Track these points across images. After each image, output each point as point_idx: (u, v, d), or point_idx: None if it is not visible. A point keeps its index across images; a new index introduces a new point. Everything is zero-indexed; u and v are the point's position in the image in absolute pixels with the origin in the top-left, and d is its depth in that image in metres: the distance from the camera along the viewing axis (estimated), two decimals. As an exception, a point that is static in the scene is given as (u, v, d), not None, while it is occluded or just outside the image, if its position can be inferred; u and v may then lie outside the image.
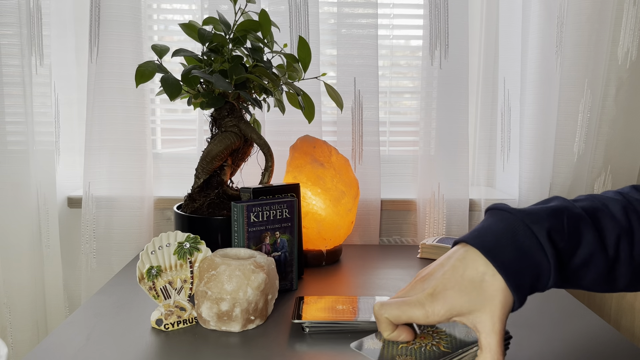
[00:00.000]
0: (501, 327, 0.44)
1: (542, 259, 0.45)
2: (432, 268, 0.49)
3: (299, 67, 0.92)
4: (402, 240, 1.23)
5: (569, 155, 1.16)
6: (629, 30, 1.13)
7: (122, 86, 1.08)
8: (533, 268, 0.45)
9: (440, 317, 0.46)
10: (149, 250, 0.69)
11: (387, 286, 0.87)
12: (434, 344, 0.51)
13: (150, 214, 1.14)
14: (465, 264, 0.46)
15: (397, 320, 0.48)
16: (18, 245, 1.08)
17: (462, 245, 0.48)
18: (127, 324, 0.71)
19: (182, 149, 1.27)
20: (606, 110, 1.16)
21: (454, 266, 0.47)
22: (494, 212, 0.49)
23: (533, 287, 0.46)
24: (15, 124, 1.07)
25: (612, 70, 1.14)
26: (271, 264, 0.72)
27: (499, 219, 0.48)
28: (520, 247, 0.45)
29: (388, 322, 0.48)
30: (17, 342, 1.10)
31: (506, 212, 0.48)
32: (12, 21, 1.04)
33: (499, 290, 0.44)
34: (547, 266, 0.45)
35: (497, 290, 0.44)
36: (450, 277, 0.46)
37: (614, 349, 0.64)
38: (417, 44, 1.27)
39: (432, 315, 0.46)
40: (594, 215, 0.48)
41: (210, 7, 1.09)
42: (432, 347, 0.50)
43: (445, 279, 0.46)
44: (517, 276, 0.45)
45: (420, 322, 0.47)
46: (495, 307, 0.44)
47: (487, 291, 0.45)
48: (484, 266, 0.45)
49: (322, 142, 0.99)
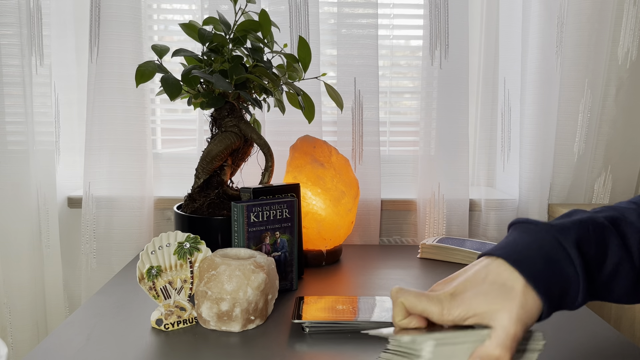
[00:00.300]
0: (516, 331, 0.42)
1: (570, 270, 0.45)
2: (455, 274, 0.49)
3: (299, 67, 0.92)
4: (402, 240, 1.23)
5: (569, 155, 1.16)
6: (629, 30, 1.13)
7: (122, 86, 1.08)
8: (562, 278, 0.44)
9: (454, 318, 0.45)
10: (149, 250, 0.69)
11: (387, 286, 0.87)
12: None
13: (150, 214, 1.14)
14: (488, 270, 0.46)
15: (412, 308, 0.47)
16: (18, 245, 1.08)
17: (487, 257, 0.47)
18: (127, 324, 0.71)
19: (182, 149, 1.27)
20: (606, 110, 1.16)
21: (476, 271, 0.46)
22: (518, 226, 0.49)
23: (562, 299, 0.45)
24: (15, 124, 1.07)
25: (612, 70, 1.14)
26: (271, 264, 0.72)
27: (524, 232, 0.47)
28: (549, 258, 0.45)
29: (402, 308, 0.48)
30: (17, 342, 1.10)
31: (532, 224, 0.47)
32: (12, 21, 1.04)
33: (520, 292, 0.43)
34: (575, 278, 0.45)
35: (518, 292, 0.43)
36: (471, 280, 0.46)
37: (614, 349, 0.64)
38: (417, 44, 1.27)
39: (447, 314, 0.45)
40: (615, 223, 0.48)
41: (210, 7, 1.09)
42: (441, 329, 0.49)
43: (466, 281, 0.46)
44: (546, 284, 0.44)
45: (433, 319, 0.46)
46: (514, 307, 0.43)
47: (508, 293, 0.44)
48: (508, 273, 0.45)
49: (322, 142, 0.99)
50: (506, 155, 1.21)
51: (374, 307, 0.72)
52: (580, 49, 1.11)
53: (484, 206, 1.17)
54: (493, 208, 1.16)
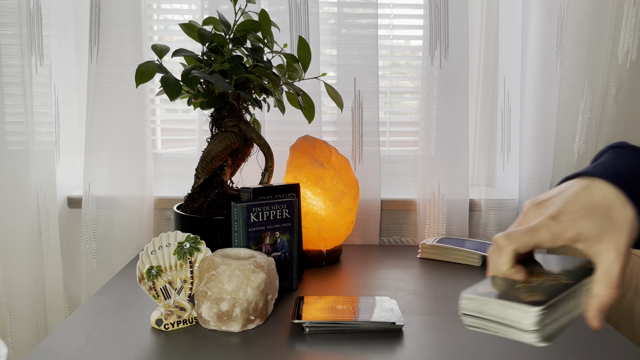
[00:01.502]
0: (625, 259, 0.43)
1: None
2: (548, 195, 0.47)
3: (299, 67, 0.92)
4: (402, 240, 1.23)
5: (569, 155, 1.16)
6: (629, 30, 1.13)
7: (122, 86, 1.08)
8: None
9: (567, 239, 0.44)
10: (149, 250, 0.69)
11: (387, 286, 0.87)
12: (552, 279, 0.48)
13: (150, 214, 1.14)
14: (591, 191, 0.45)
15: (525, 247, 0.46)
16: (18, 245, 1.08)
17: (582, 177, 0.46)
18: (127, 324, 0.71)
19: (182, 149, 1.27)
20: (606, 110, 1.16)
21: (577, 193, 0.45)
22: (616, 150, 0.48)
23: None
24: (15, 124, 1.07)
25: (612, 70, 1.14)
26: (271, 264, 0.72)
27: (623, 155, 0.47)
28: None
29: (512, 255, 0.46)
30: (17, 342, 1.10)
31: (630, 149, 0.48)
32: (12, 21, 1.04)
33: (628, 220, 0.43)
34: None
35: (626, 219, 0.43)
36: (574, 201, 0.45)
37: (614, 349, 0.64)
38: (417, 44, 1.27)
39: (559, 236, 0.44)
40: None
41: (210, 7, 1.09)
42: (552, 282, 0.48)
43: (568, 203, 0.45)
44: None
45: (547, 245, 0.45)
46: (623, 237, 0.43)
47: (617, 219, 0.43)
48: (613, 194, 0.44)
49: (322, 142, 0.99)
50: (506, 155, 1.21)
51: (374, 307, 0.72)
52: (580, 49, 1.11)
53: (483, 206, 1.17)
54: (493, 208, 1.16)
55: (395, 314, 0.70)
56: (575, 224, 0.44)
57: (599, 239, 0.44)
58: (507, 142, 1.20)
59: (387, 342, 0.65)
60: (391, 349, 0.64)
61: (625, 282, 0.92)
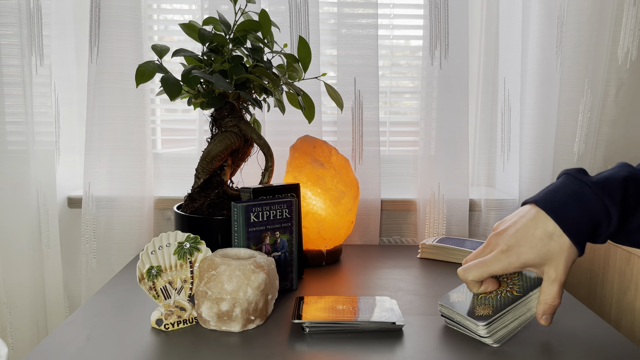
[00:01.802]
0: (564, 278, 0.57)
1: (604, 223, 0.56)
2: (506, 225, 0.60)
3: (299, 67, 0.92)
4: (402, 240, 1.23)
5: (569, 155, 1.16)
6: (629, 30, 1.13)
7: (122, 86, 1.08)
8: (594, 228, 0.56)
9: (516, 268, 0.58)
10: (149, 250, 0.69)
11: (387, 286, 0.87)
12: (508, 290, 0.62)
13: (150, 214, 1.14)
14: (536, 224, 0.57)
15: (482, 277, 0.60)
16: (18, 245, 1.08)
17: (533, 205, 0.59)
18: (127, 324, 0.71)
19: (182, 149, 1.28)
20: (606, 110, 1.16)
21: (525, 226, 0.58)
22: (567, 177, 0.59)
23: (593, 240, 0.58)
24: (15, 124, 1.07)
25: (612, 70, 1.14)
26: (271, 264, 0.72)
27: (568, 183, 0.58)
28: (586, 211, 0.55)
29: (474, 282, 0.61)
30: (17, 342, 1.10)
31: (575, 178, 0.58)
32: (12, 21, 1.04)
33: (565, 248, 0.56)
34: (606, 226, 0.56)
35: (562, 248, 0.56)
36: (523, 235, 0.57)
37: (614, 349, 0.64)
38: (417, 44, 1.27)
39: (510, 266, 0.58)
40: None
41: (210, 7, 1.09)
42: (507, 294, 0.61)
43: (517, 237, 0.58)
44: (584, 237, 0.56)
45: (501, 273, 0.60)
46: (561, 262, 0.56)
47: (555, 249, 0.56)
48: (552, 226, 0.56)
49: (322, 142, 0.99)
50: (506, 155, 1.21)
51: (374, 307, 0.72)
52: (580, 49, 1.11)
53: (483, 206, 1.17)
54: (493, 208, 1.16)
55: (395, 314, 0.70)
56: (521, 257, 0.58)
57: (542, 265, 0.58)
58: (507, 142, 1.20)
59: (387, 342, 0.65)
60: (391, 349, 0.64)
61: (625, 281, 0.92)
